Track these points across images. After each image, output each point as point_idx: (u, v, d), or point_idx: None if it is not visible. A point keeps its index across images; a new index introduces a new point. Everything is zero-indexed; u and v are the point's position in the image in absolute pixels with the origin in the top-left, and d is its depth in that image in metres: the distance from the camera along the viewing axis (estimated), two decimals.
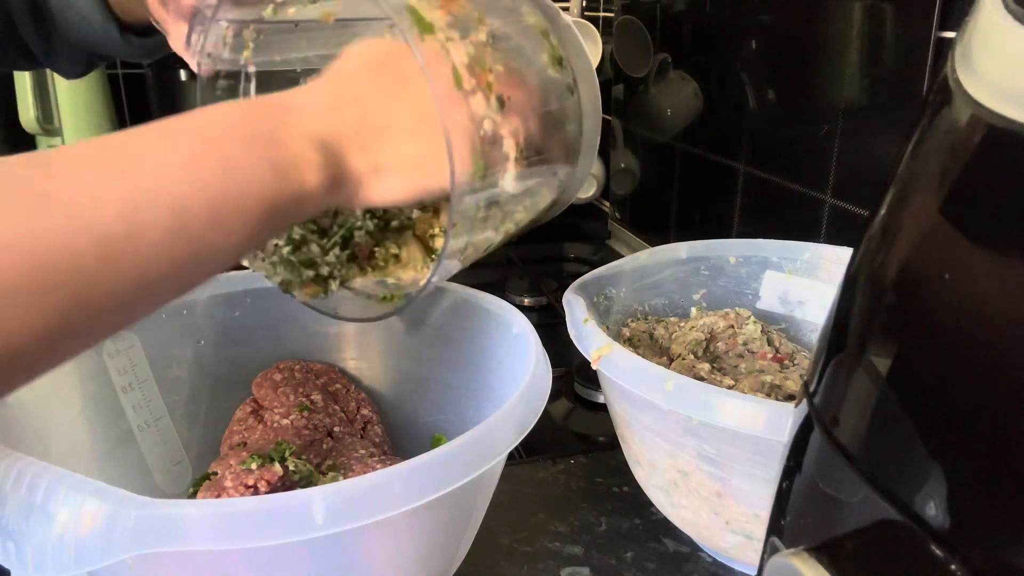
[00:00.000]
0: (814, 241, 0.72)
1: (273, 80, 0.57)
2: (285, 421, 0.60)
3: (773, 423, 0.45)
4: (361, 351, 0.67)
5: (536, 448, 0.72)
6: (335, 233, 0.53)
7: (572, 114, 0.51)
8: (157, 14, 0.56)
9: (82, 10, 0.61)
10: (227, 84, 0.56)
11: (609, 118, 1.37)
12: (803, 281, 0.72)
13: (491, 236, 0.49)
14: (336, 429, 0.62)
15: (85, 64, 0.69)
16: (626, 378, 0.52)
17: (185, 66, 1.55)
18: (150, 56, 0.67)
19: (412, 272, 0.54)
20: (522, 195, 0.49)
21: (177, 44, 0.54)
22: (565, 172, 0.53)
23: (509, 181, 0.46)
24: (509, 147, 0.45)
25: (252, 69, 0.54)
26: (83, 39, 0.64)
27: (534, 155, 0.47)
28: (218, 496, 0.48)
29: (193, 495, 0.54)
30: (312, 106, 0.41)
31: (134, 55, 0.66)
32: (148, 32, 0.65)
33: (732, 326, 0.70)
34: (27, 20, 0.63)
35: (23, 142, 1.48)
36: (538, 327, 0.57)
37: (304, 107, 0.41)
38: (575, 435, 0.79)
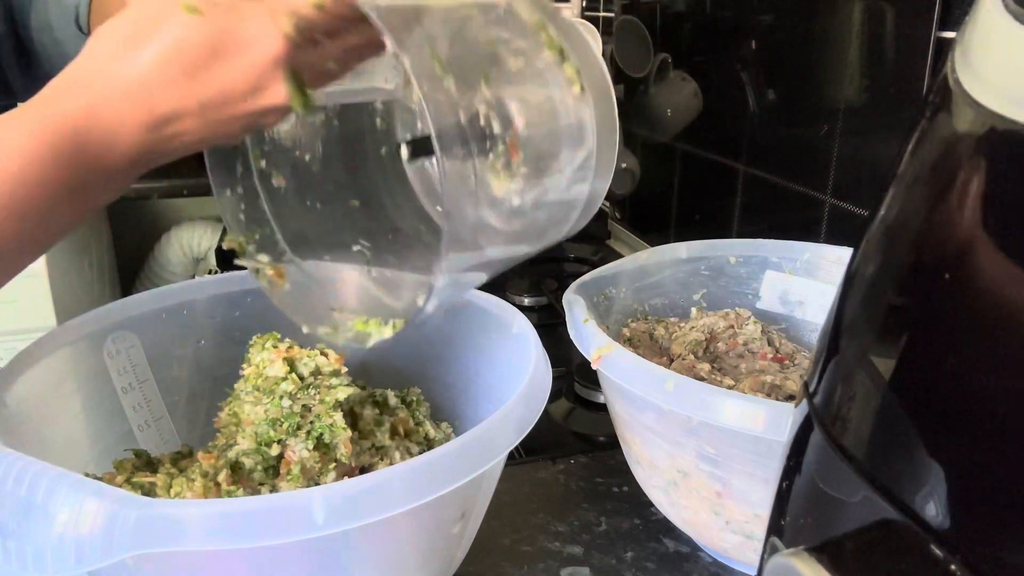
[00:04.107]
0: (814, 241, 0.72)
1: None
2: None
3: (773, 423, 0.45)
4: (361, 351, 0.67)
5: (536, 448, 0.72)
6: None
7: (584, 126, 0.51)
8: None
9: (70, 48, 0.60)
10: None
11: None
12: (803, 281, 0.72)
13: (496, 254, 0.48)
14: None
15: None
16: (626, 378, 0.52)
17: None
18: None
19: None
20: (531, 209, 0.48)
21: None
22: (577, 189, 0.52)
23: (506, 183, 0.45)
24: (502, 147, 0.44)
25: None
26: None
27: (535, 164, 0.47)
28: None
29: None
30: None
31: None
32: None
33: (732, 326, 0.70)
34: (11, 59, 0.63)
35: None
36: (538, 327, 0.57)
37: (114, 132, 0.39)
38: (575, 435, 0.79)
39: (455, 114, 0.42)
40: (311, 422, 0.52)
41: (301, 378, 0.55)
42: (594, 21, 1.39)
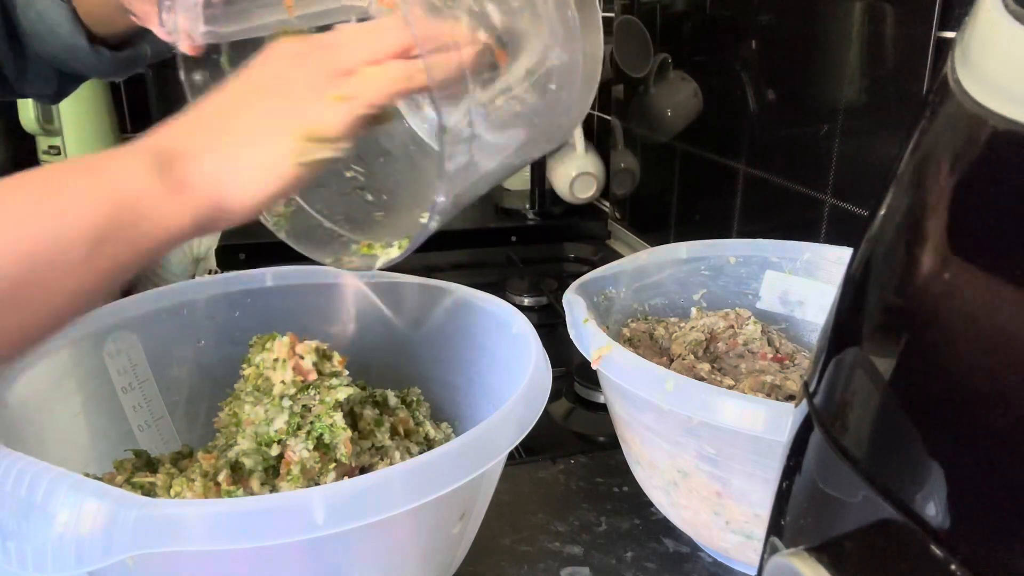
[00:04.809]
0: (814, 241, 0.72)
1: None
2: None
3: (773, 423, 0.45)
4: (361, 351, 0.67)
5: (536, 448, 0.72)
6: None
7: (568, 29, 0.50)
8: (129, 4, 0.56)
9: (51, 21, 0.61)
10: (210, 64, 0.55)
11: (609, 118, 1.37)
12: (803, 281, 0.72)
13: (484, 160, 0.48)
14: None
15: (56, 84, 0.69)
16: (626, 378, 0.52)
17: None
18: (122, 72, 0.67)
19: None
20: (513, 114, 0.48)
21: (156, 28, 0.54)
22: (564, 96, 0.52)
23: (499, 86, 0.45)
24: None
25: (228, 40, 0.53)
26: (53, 53, 0.64)
27: (523, 69, 0.47)
28: None
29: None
30: (160, 128, 0.41)
31: (105, 70, 0.66)
32: (121, 46, 0.65)
33: (732, 326, 0.70)
34: (3, 42, 0.63)
35: (23, 142, 1.48)
36: (538, 327, 0.57)
37: (153, 131, 0.41)
38: (575, 435, 0.79)
39: (444, 20, 0.43)
40: (311, 422, 0.52)
41: None
42: None
